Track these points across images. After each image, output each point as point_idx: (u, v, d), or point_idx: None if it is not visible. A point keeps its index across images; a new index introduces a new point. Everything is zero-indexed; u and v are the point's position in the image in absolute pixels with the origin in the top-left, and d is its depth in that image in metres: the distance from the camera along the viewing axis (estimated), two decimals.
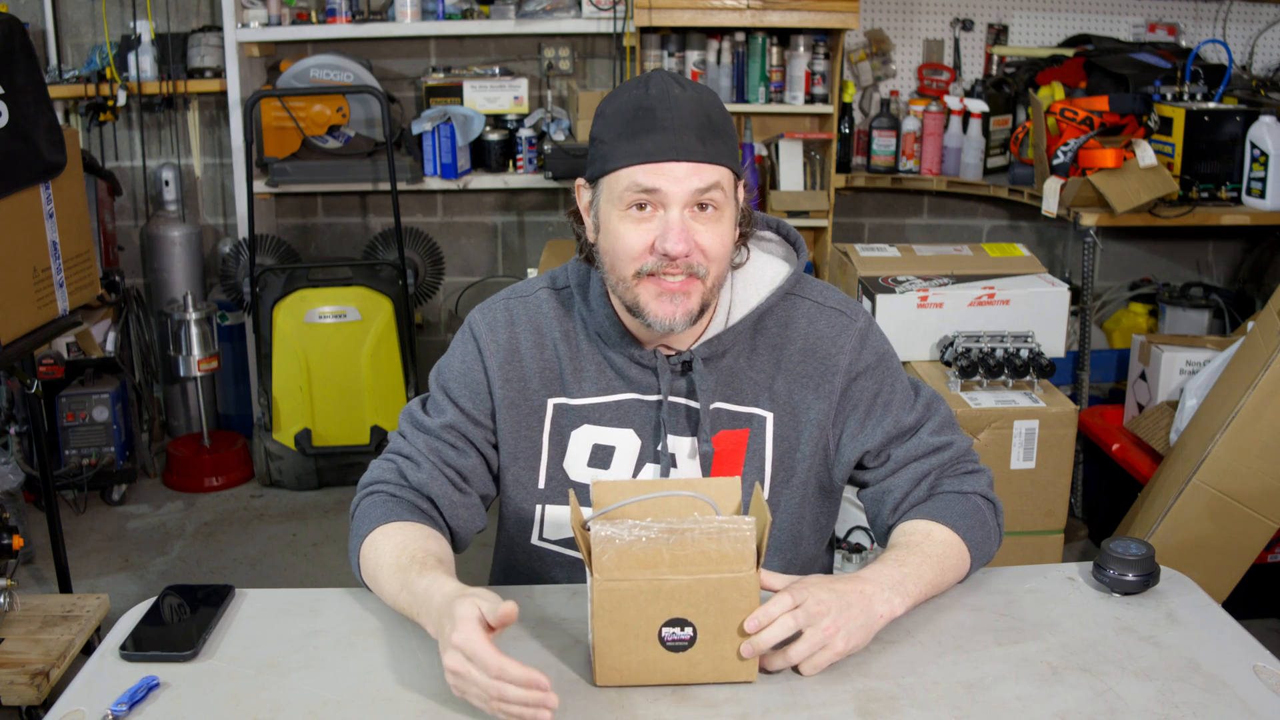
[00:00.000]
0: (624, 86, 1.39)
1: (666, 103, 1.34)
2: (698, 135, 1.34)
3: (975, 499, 1.47)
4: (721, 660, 1.20)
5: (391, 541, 1.38)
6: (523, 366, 1.49)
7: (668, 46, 3.87)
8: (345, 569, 3.31)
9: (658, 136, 1.33)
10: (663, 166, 1.33)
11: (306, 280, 3.78)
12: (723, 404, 1.47)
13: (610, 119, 1.37)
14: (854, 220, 4.28)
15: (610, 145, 1.36)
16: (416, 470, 1.46)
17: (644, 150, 1.33)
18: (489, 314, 1.52)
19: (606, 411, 1.47)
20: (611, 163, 1.36)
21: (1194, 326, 3.90)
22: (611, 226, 1.38)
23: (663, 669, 1.20)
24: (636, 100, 1.35)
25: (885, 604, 1.29)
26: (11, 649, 2.38)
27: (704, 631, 1.19)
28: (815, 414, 1.47)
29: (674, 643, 1.20)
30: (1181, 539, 2.63)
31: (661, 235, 1.35)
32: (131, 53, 3.95)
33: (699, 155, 1.34)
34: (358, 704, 1.20)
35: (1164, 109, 3.37)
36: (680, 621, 1.19)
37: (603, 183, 1.38)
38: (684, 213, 1.35)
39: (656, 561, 1.17)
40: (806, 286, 1.51)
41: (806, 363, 1.48)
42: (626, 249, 1.37)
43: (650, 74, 1.38)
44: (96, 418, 3.64)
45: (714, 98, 1.39)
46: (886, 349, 1.52)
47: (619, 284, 1.40)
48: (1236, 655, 1.28)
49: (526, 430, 1.49)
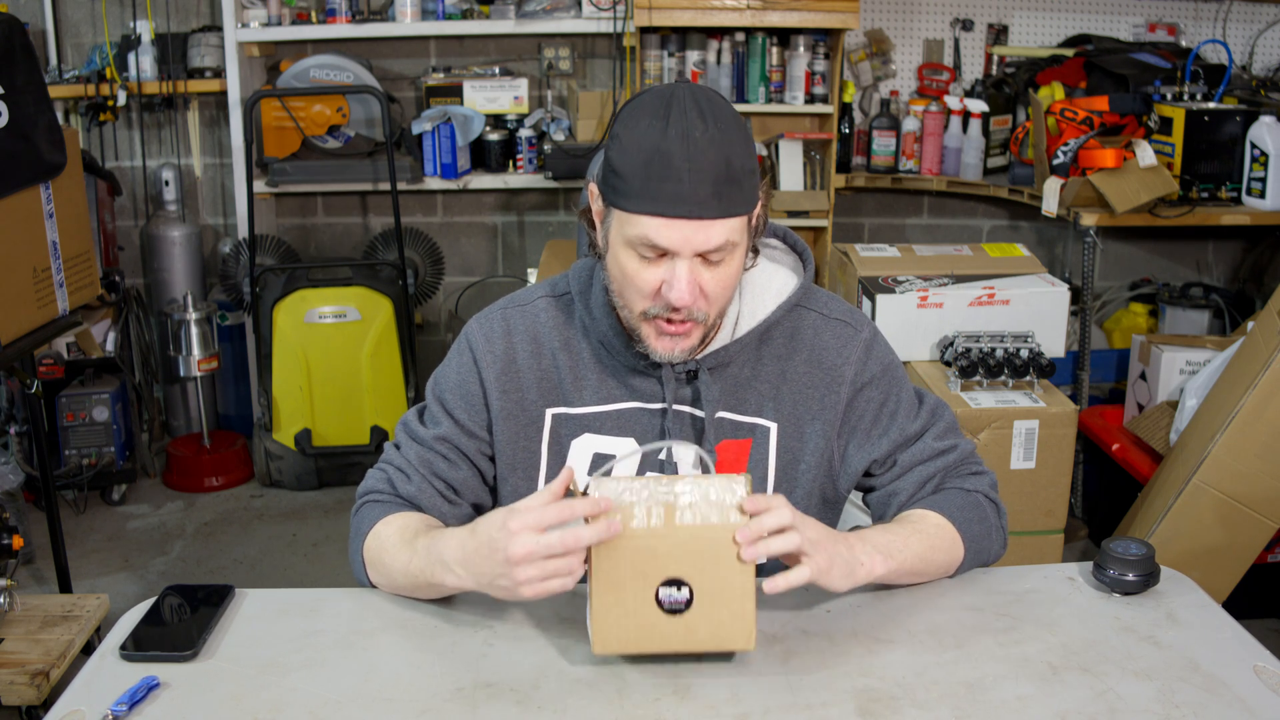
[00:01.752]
0: (645, 108, 1.32)
1: (687, 147, 1.28)
2: (714, 190, 1.29)
3: (977, 496, 1.48)
4: (719, 626, 1.21)
5: (394, 525, 1.41)
6: (520, 377, 1.48)
7: (668, 46, 3.87)
8: (345, 569, 3.30)
9: (672, 189, 1.28)
10: (675, 222, 1.29)
11: (306, 280, 3.78)
12: (726, 414, 1.47)
13: (628, 150, 1.31)
14: (854, 220, 4.28)
15: (625, 182, 1.31)
16: (406, 482, 1.47)
17: (658, 202, 1.29)
18: (486, 324, 1.51)
19: (608, 420, 1.47)
20: (624, 201, 1.32)
21: (1194, 326, 3.90)
22: (620, 258, 1.36)
23: (661, 634, 1.21)
24: (655, 141, 1.29)
25: (867, 557, 1.32)
26: (11, 649, 2.38)
27: (700, 593, 1.21)
28: (820, 425, 1.48)
29: (671, 605, 1.21)
30: (1181, 539, 2.63)
31: (668, 283, 1.33)
32: (131, 53, 3.95)
33: (713, 211, 1.29)
34: (358, 704, 1.20)
35: (1164, 109, 3.37)
36: (677, 582, 1.21)
37: (615, 213, 1.35)
38: (693, 261, 1.32)
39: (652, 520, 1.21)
40: (812, 298, 1.51)
41: (812, 374, 1.48)
42: (635, 289, 1.36)
43: (672, 101, 1.30)
44: (96, 418, 3.64)
45: (738, 135, 1.32)
46: (891, 359, 1.53)
47: (624, 310, 1.40)
48: (1236, 655, 1.28)
49: (525, 441, 1.49)
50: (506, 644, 1.30)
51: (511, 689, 1.21)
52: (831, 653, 1.28)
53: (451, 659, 1.27)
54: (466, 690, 1.21)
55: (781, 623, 1.34)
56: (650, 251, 1.33)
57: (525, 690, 1.21)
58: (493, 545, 1.22)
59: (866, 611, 1.37)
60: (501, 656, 1.28)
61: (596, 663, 1.26)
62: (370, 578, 1.42)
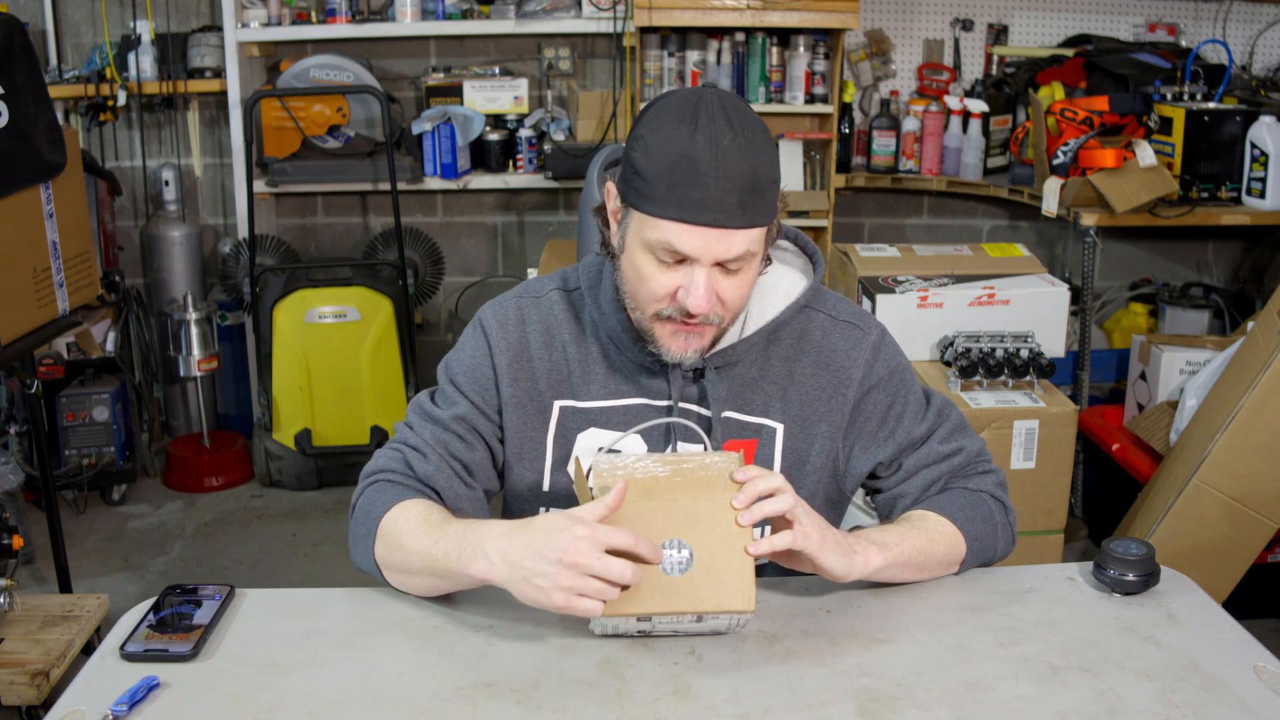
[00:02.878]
0: (671, 110, 1.31)
1: (714, 154, 1.28)
2: (739, 200, 1.29)
3: (982, 495, 1.49)
4: (719, 587, 1.23)
5: (418, 508, 1.37)
6: (532, 366, 1.49)
7: (668, 46, 3.87)
8: (345, 569, 3.32)
9: (699, 195, 1.28)
10: (699, 229, 1.30)
11: (306, 280, 3.78)
12: (733, 413, 1.47)
13: (653, 154, 1.31)
14: (854, 220, 4.28)
15: (649, 185, 1.31)
16: (424, 462, 1.45)
17: (682, 209, 1.29)
18: (500, 311, 1.51)
19: (614, 415, 1.47)
20: (646, 204, 1.32)
21: (1194, 326, 3.90)
22: (636, 260, 1.36)
23: (662, 595, 1.23)
24: (682, 146, 1.29)
25: (862, 549, 1.34)
26: (11, 649, 2.38)
27: (700, 554, 1.24)
28: (826, 427, 1.48)
29: (672, 565, 1.23)
30: (1181, 539, 2.63)
31: (684, 290, 1.33)
32: (131, 53, 3.95)
33: (738, 222, 1.30)
34: (358, 704, 1.20)
35: (1164, 109, 3.37)
36: (678, 543, 1.24)
37: (635, 213, 1.35)
38: (711, 269, 1.33)
39: (654, 487, 1.25)
40: (821, 300, 1.52)
41: (819, 375, 1.48)
42: (650, 291, 1.36)
43: (699, 106, 1.30)
44: (96, 418, 3.64)
45: (764, 145, 1.32)
46: (899, 361, 1.53)
47: (636, 311, 1.40)
48: (1236, 655, 1.28)
49: (531, 431, 1.49)
50: (506, 644, 1.30)
51: (511, 689, 1.21)
52: (831, 653, 1.28)
53: (451, 659, 1.27)
54: (466, 690, 1.21)
55: (781, 623, 1.34)
56: (670, 257, 1.33)
57: (525, 690, 1.21)
58: (550, 541, 1.20)
59: (866, 611, 1.37)
60: (501, 656, 1.28)
61: (596, 662, 1.26)
62: (378, 557, 1.38)
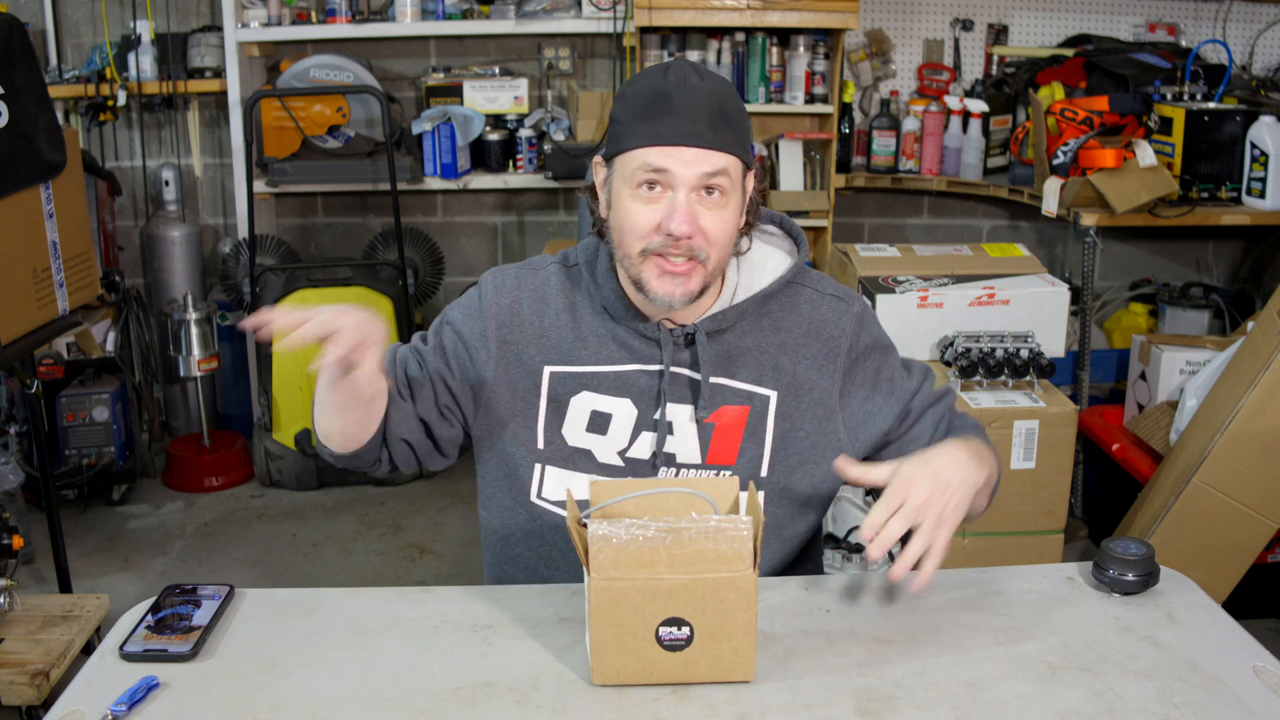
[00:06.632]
0: (646, 72, 1.47)
1: (683, 90, 1.40)
2: (709, 123, 1.40)
3: (980, 428, 1.61)
4: (719, 660, 1.21)
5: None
6: (522, 330, 1.54)
7: (668, 46, 3.86)
8: (345, 569, 3.33)
9: (671, 121, 1.39)
10: (673, 150, 1.39)
11: (306, 280, 3.78)
12: (725, 380, 1.52)
13: (629, 101, 1.44)
14: (854, 220, 4.28)
15: (626, 126, 1.43)
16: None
17: (657, 133, 1.40)
18: (499, 276, 1.59)
19: (607, 380, 1.52)
20: (626, 142, 1.42)
21: (1194, 326, 3.90)
22: (622, 203, 1.44)
23: (660, 668, 1.21)
24: (655, 85, 1.42)
25: (974, 472, 1.40)
26: (11, 649, 2.38)
27: (701, 631, 1.19)
28: (819, 393, 1.54)
29: (671, 642, 1.20)
30: (1181, 539, 2.63)
31: (667, 215, 1.41)
32: (131, 53, 3.95)
33: (708, 141, 1.40)
34: (358, 704, 1.20)
35: (1164, 109, 3.37)
36: (677, 621, 1.19)
37: (617, 161, 1.45)
38: (690, 195, 1.41)
39: (654, 560, 1.17)
40: (807, 276, 1.59)
41: (811, 344, 1.54)
42: (634, 226, 1.43)
43: (672, 62, 1.46)
44: (96, 418, 3.64)
45: (730, 89, 1.46)
46: (880, 332, 1.62)
47: (625, 259, 1.46)
48: (1236, 655, 1.28)
49: (523, 391, 1.54)
50: (506, 644, 1.30)
51: (511, 689, 1.22)
52: (831, 653, 1.28)
53: (451, 659, 1.27)
54: (466, 690, 1.22)
55: (781, 623, 1.34)
56: (652, 177, 1.40)
57: (525, 690, 1.21)
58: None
59: (866, 612, 1.37)
60: (501, 656, 1.28)
61: None
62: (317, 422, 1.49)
